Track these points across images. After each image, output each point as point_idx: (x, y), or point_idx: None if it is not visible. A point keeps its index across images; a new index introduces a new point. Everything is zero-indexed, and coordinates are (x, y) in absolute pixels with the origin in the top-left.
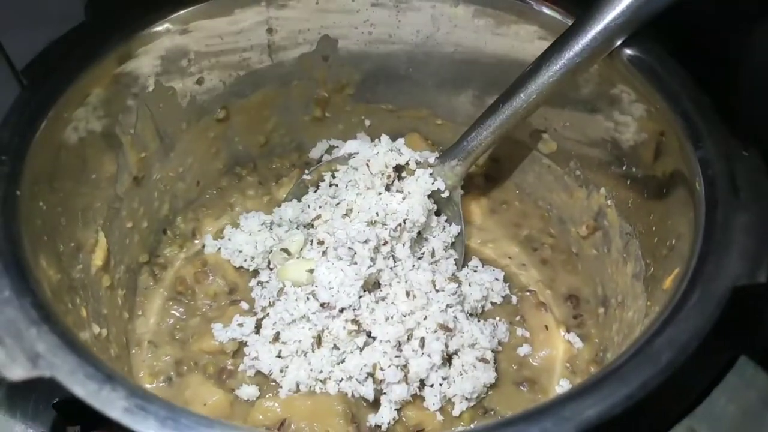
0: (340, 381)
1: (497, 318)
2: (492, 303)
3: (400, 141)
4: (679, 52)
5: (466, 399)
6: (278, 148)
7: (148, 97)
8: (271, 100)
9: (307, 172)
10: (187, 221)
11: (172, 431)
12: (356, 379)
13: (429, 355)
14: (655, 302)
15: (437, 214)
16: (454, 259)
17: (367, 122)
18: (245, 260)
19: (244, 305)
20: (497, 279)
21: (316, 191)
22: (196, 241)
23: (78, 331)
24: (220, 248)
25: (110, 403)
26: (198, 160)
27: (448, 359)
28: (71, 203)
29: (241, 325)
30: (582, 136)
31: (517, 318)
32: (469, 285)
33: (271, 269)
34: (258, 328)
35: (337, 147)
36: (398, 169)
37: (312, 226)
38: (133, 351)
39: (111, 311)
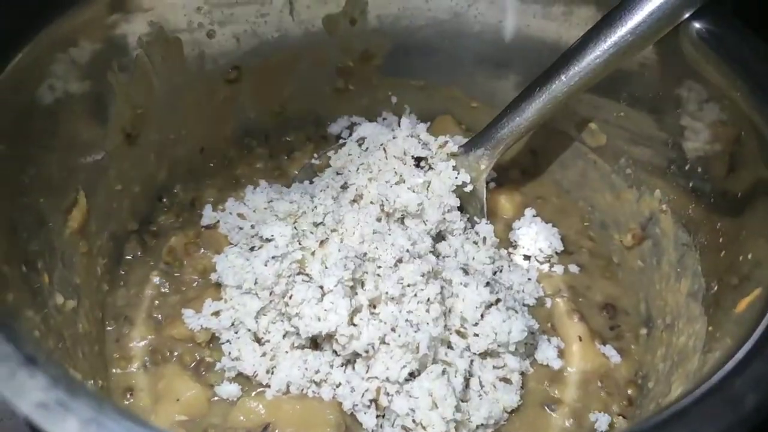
0: (337, 386)
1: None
2: (524, 304)
3: (421, 126)
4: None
5: (482, 425)
6: (294, 119)
7: (149, 45)
8: (289, 64)
9: (315, 156)
10: (187, 190)
11: None
12: (359, 403)
13: (448, 380)
14: (721, 329)
15: (460, 209)
16: (483, 264)
17: (394, 99)
18: (243, 239)
19: None
20: (530, 279)
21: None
22: (198, 212)
23: (23, 304)
24: (218, 221)
25: (22, 394)
26: (203, 124)
27: (465, 381)
28: (43, 156)
29: (216, 314)
30: (637, 133)
31: (549, 325)
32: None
33: None
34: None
35: (358, 124)
36: (417, 160)
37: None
38: (110, 327)
39: (86, 281)
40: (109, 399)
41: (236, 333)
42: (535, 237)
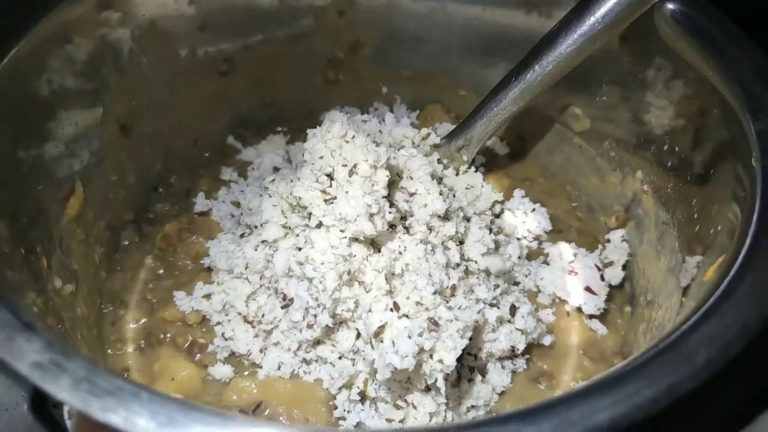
0: (325, 363)
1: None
2: (516, 283)
3: (405, 120)
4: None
5: (473, 407)
6: (286, 110)
7: (142, 39)
8: (279, 56)
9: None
10: (182, 181)
11: (85, 396)
12: (347, 398)
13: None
14: (691, 298)
15: None
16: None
17: (384, 89)
18: (235, 226)
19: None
20: (520, 257)
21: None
22: (193, 200)
23: (23, 283)
24: (211, 209)
25: (20, 356)
26: (196, 116)
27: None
28: (40, 146)
29: (207, 297)
30: (618, 116)
31: (537, 301)
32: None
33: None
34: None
35: (349, 114)
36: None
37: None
38: (107, 310)
39: (84, 268)
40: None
41: (227, 315)
42: (524, 218)
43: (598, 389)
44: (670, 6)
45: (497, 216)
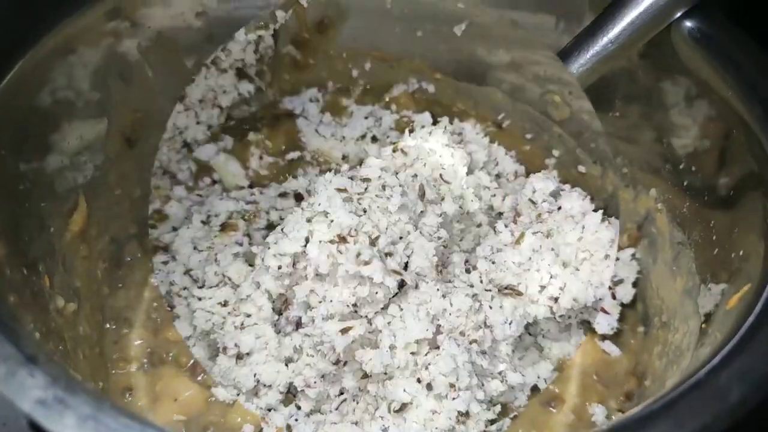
0: None
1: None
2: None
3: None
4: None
5: None
6: None
7: (148, 51)
8: None
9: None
10: None
11: None
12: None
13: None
14: (713, 325)
15: None
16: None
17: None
18: None
19: None
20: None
21: None
22: None
23: (25, 306)
24: None
25: (22, 392)
26: None
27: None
28: (43, 160)
29: None
30: (632, 132)
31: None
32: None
33: None
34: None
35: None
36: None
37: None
38: (109, 327)
39: (86, 285)
40: (106, 397)
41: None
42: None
43: (626, 430)
44: (689, 24)
45: None
